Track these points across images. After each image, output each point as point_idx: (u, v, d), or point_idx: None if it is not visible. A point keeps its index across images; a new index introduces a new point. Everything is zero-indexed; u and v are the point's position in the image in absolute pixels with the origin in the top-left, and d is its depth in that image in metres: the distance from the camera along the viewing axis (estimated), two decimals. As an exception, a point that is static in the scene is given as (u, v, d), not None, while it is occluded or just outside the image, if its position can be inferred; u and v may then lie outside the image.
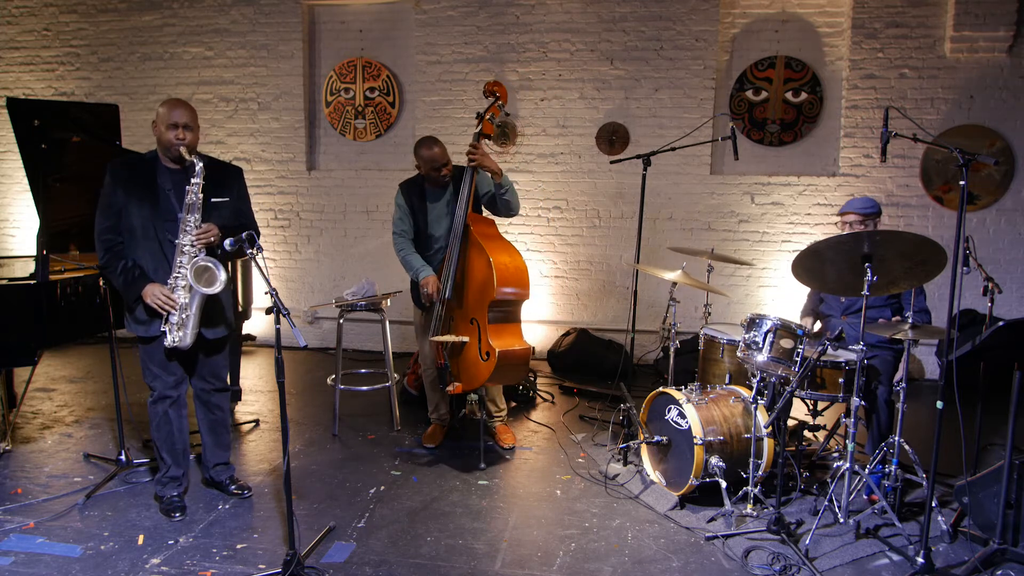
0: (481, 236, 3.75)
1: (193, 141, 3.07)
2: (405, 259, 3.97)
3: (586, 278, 6.34)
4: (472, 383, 3.78)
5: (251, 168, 6.69)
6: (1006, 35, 5.47)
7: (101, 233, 3.09)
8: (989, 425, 3.71)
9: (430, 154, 3.85)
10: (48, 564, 2.85)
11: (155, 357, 3.17)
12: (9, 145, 6.89)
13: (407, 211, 3.99)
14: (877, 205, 3.67)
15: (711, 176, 6.07)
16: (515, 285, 3.69)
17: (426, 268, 3.90)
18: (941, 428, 2.75)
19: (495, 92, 3.98)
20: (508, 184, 3.91)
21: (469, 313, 3.78)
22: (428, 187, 3.99)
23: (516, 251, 3.80)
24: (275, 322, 2.64)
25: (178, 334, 3.05)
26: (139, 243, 3.09)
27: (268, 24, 6.50)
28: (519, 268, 3.73)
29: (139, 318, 3.13)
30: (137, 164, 3.14)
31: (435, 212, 3.98)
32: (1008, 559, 2.85)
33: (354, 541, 3.06)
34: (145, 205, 3.07)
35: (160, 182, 3.11)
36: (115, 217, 3.08)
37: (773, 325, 3.25)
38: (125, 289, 3.09)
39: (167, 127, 3.04)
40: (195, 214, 3.03)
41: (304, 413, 4.80)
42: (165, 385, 3.21)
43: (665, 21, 5.96)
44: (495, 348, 3.60)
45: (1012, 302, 5.69)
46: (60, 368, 5.77)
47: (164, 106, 3.07)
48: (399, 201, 4.01)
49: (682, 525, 3.23)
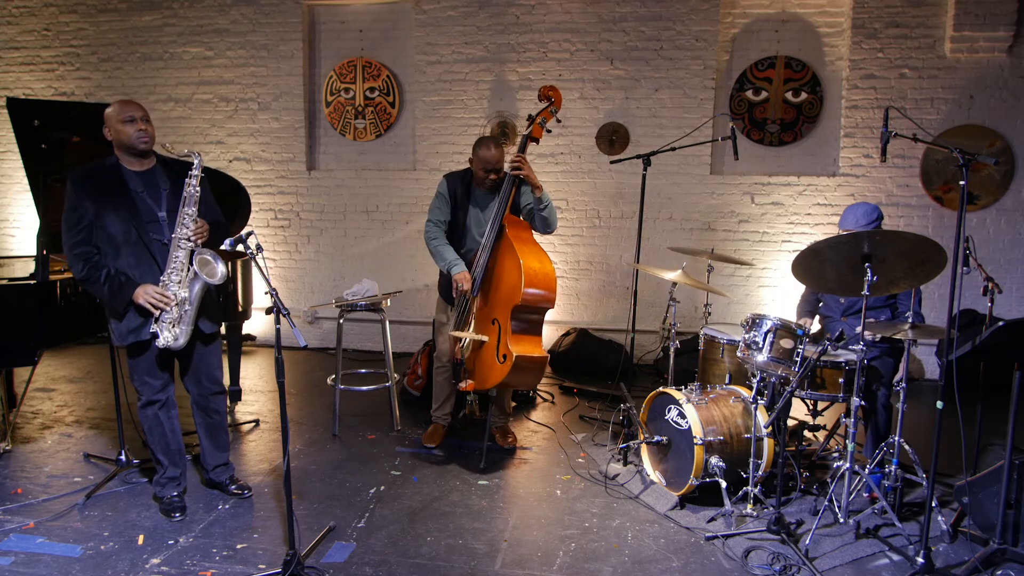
0: (515, 238, 3.71)
1: (152, 133, 3.03)
2: (437, 249, 3.90)
3: (586, 278, 6.34)
4: (484, 383, 3.76)
5: (251, 168, 6.69)
6: (1006, 35, 5.47)
7: (74, 247, 2.96)
8: (989, 425, 3.71)
9: (487, 155, 3.79)
10: (48, 564, 2.85)
11: (142, 362, 3.12)
12: (9, 145, 6.89)
13: (447, 201, 3.93)
14: (878, 213, 3.64)
15: (711, 176, 6.07)
16: (543, 291, 3.64)
17: (460, 263, 3.83)
18: (941, 428, 2.75)
19: (550, 96, 3.91)
20: (547, 201, 3.87)
21: (492, 313, 3.76)
22: (475, 186, 3.95)
23: (547, 258, 3.74)
24: (275, 322, 2.64)
25: (173, 331, 3.00)
26: (121, 250, 3.01)
27: (268, 24, 6.50)
28: (548, 275, 3.67)
29: (129, 326, 3.03)
30: (100, 172, 3.03)
31: (475, 212, 3.94)
32: (1008, 559, 2.85)
33: (354, 541, 3.06)
34: (121, 211, 2.98)
35: (131, 186, 3.04)
36: (87, 230, 2.97)
37: (773, 325, 3.25)
38: (112, 297, 2.98)
39: (123, 123, 2.97)
40: (192, 207, 3.01)
41: (304, 413, 4.80)
42: (153, 390, 3.18)
43: (665, 21, 5.96)
44: (512, 352, 3.56)
45: (1012, 302, 5.69)
46: (60, 368, 5.77)
47: (113, 107, 3.01)
48: (441, 190, 3.96)
49: (682, 525, 3.23)
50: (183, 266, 3.02)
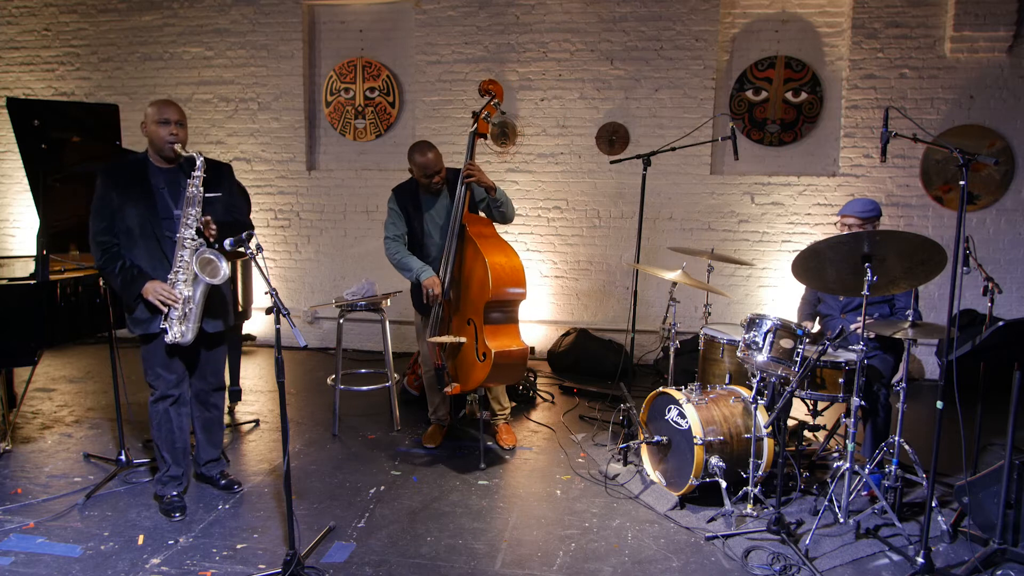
0: (477, 236, 3.73)
1: (184, 138, 3.11)
2: (401, 262, 3.92)
3: (586, 278, 6.34)
4: (469, 384, 3.77)
5: (251, 168, 6.69)
6: (1006, 35, 5.47)
7: (96, 235, 3.10)
8: (989, 425, 3.71)
9: (423, 160, 3.81)
10: (48, 564, 2.85)
11: (157, 355, 3.18)
12: (9, 145, 6.89)
13: (400, 215, 3.96)
14: (877, 208, 3.65)
15: (711, 176, 6.07)
16: (512, 285, 3.67)
17: (427, 268, 3.86)
18: (941, 428, 2.75)
19: (490, 91, 3.96)
20: (503, 197, 3.91)
21: (466, 314, 3.78)
22: (422, 193, 3.97)
23: (513, 251, 3.78)
24: (275, 322, 2.64)
25: (180, 328, 3.07)
26: (137, 243, 3.10)
27: (268, 24, 6.50)
28: (515, 268, 3.71)
29: (139, 318, 3.14)
30: (129, 166, 3.16)
31: (430, 217, 3.97)
32: (1008, 559, 2.85)
33: (354, 541, 3.06)
34: (141, 205, 3.09)
35: (154, 182, 3.13)
36: (109, 219, 3.09)
37: (773, 325, 3.25)
38: (124, 289, 3.10)
39: (158, 124, 3.06)
40: (195, 207, 3.06)
41: (304, 413, 4.80)
42: (167, 384, 3.22)
43: (665, 21, 5.96)
44: (491, 349, 3.59)
45: (1012, 302, 5.69)
46: (60, 368, 5.77)
47: (153, 106, 3.10)
48: (392, 205, 3.99)
49: (682, 525, 3.23)
50: (188, 265, 3.06)
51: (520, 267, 3.74)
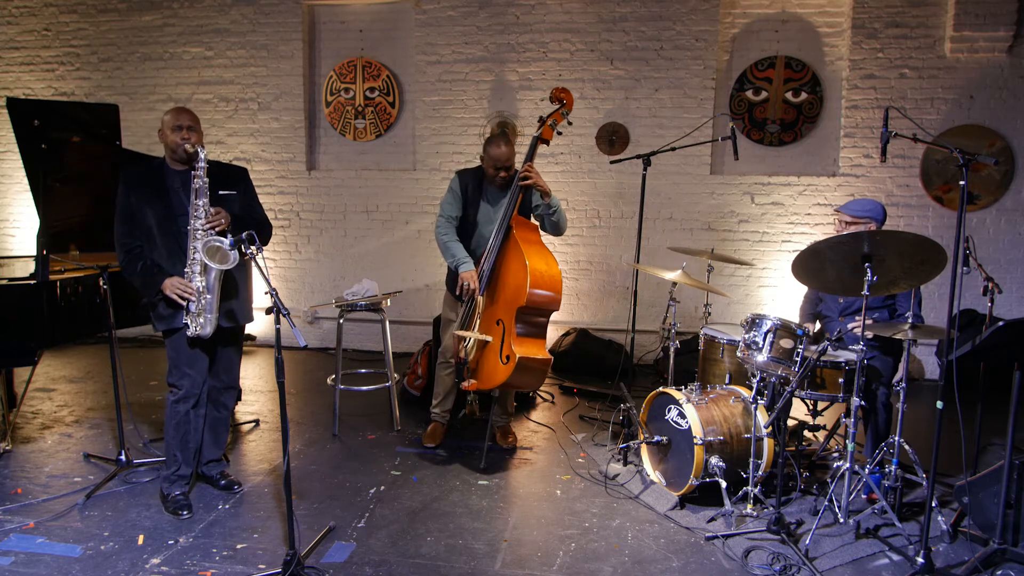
0: (522, 240, 3.72)
1: (197, 141, 3.20)
2: (447, 245, 3.89)
3: (586, 278, 6.34)
4: (487, 383, 3.76)
5: (251, 168, 6.66)
6: (1006, 35, 5.47)
7: (120, 237, 3.23)
8: (989, 425, 3.71)
9: (497, 152, 3.81)
10: (48, 564, 2.85)
11: (182, 352, 3.24)
12: (9, 145, 6.88)
13: (459, 197, 3.94)
14: (877, 211, 3.61)
15: (711, 176, 6.07)
16: (548, 292, 3.64)
17: (468, 262, 3.83)
18: (941, 428, 2.75)
19: (562, 99, 3.92)
20: (556, 206, 3.91)
21: (497, 314, 3.76)
22: (486, 184, 3.96)
23: (554, 260, 3.75)
24: (275, 322, 2.65)
25: (199, 320, 3.14)
26: (156, 241, 3.21)
27: (268, 24, 6.50)
28: (554, 277, 3.68)
29: (161, 313, 3.22)
30: (145, 170, 3.30)
31: (484, 210, 3.95)
32: (1008, 559, 2.85)
33: (354, 541, 3.06)
34: (157, 205, 3.20)
35: (169, 183, 3.24)
36: (130, 222, 3.21)
37: (773, 325, 3.25)
38: (145, 285, 3.19)
39: (172, 130, 3.19)
40: (203, 198, 3.12)
41: (304, 413, 4.80)
42: (193, 383, 3.28)
43: (665, 21, 5.96)
44: (516, 353, 3.57)
45: (1012, 302, 5.69)
46: (60, 368, 5.77)
47: (168, 113, 3.24)
48: (453, 185, 3.97)
49: (682, 525, 3.23)
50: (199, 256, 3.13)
51: (559, 277, 3.71)
